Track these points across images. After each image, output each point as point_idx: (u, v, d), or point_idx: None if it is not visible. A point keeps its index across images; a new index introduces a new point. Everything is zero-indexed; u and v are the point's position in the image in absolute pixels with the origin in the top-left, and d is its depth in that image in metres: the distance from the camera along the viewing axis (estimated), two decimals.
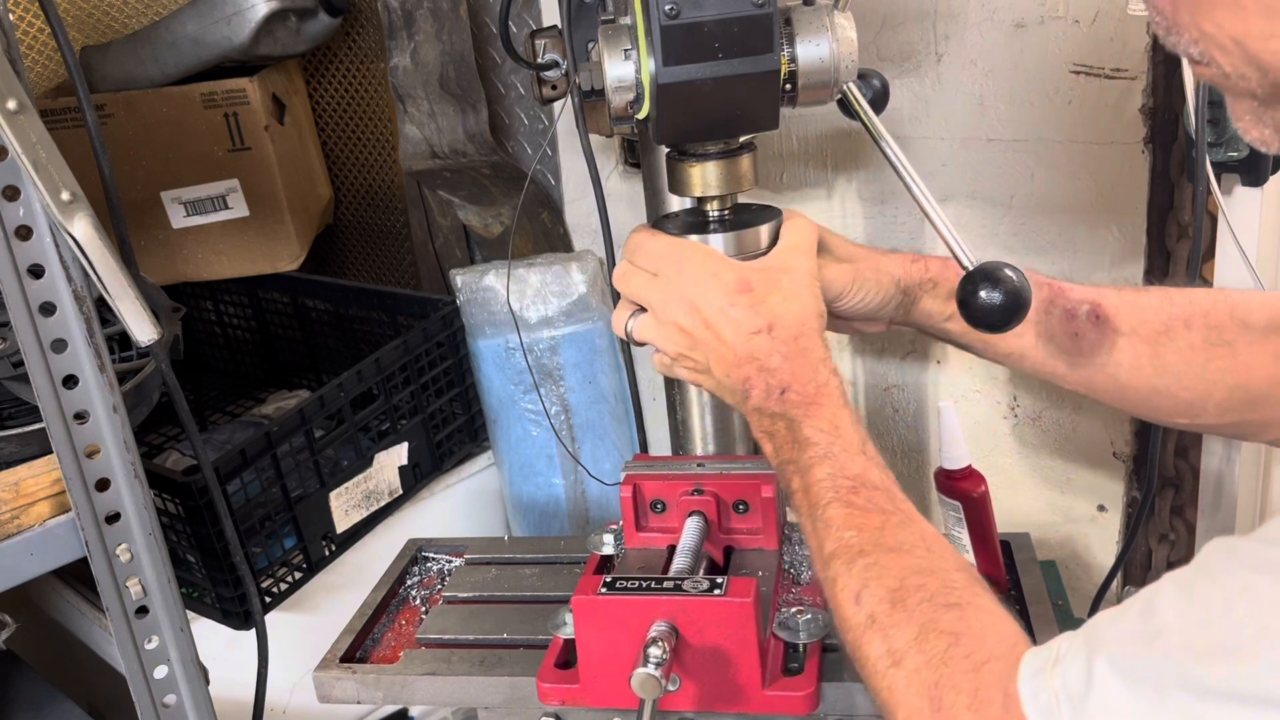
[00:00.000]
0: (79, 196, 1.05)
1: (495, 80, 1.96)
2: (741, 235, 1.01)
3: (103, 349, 1.13)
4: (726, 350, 0.92)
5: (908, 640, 0.75)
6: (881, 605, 0.77)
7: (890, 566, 0.79)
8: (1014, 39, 1.48)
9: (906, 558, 0.80)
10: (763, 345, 0.91)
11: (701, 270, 0.94)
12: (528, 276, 1.78)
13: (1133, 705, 0.62)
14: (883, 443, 1.82)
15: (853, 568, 0.80)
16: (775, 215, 1.03)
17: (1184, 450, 1.56)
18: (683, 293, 0.94)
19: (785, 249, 0.99)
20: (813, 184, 1.72)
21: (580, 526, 1.88)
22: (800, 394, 0.89)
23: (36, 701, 1.55)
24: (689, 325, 0.94)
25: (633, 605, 1.00)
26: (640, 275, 0.98)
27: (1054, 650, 0.68)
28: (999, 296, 0.90)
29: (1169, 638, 0.62)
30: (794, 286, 0.94)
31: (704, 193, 1.02)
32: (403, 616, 1.32)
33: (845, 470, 0.85)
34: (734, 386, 0.93)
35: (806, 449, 0.87)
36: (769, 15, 0.88)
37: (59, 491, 1.17)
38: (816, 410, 0.89)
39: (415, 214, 2.21)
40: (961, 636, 0.73)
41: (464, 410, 1.92)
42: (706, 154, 1.00)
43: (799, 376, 0.90)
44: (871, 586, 0.78)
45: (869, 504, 0.83)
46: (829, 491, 0.84)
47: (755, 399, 0.91)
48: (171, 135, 1.93)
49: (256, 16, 1.86)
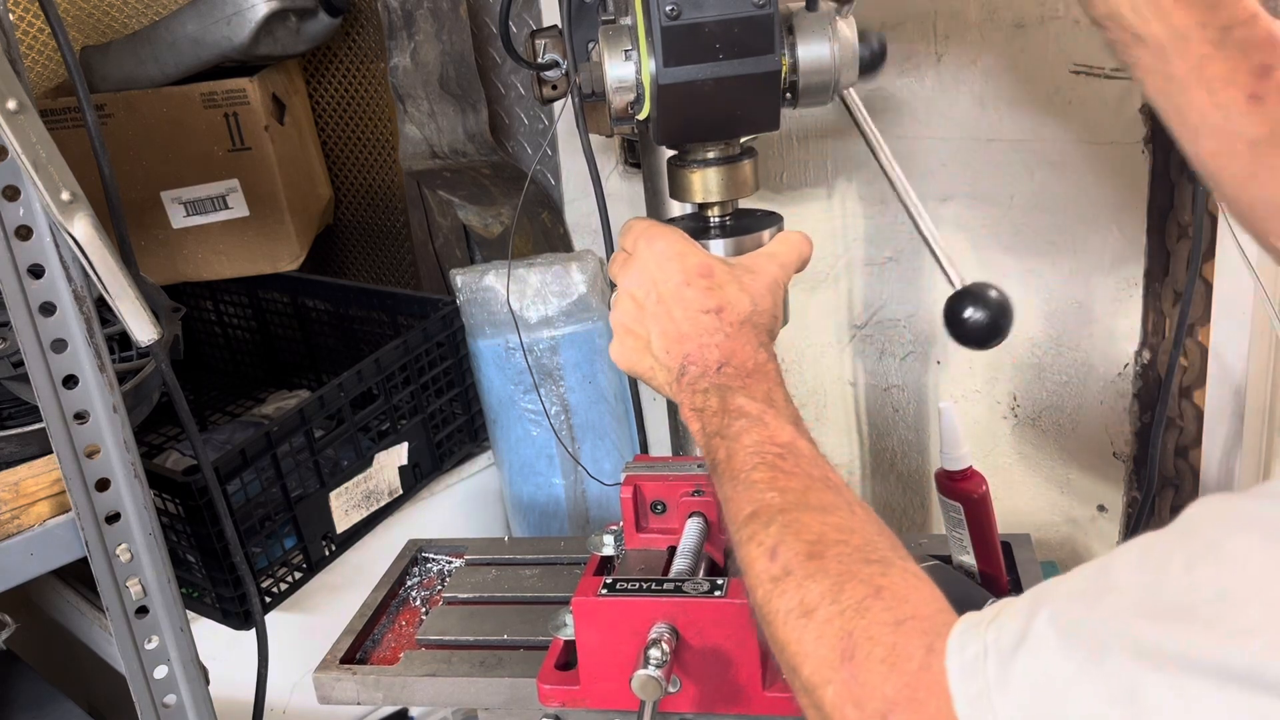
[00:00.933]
0: (79, 196, 1.05)
1: (495, 80, 1.96)
2: (741, 241, 1.01)
3: (103, 349, 1.13)
4: (671, 325, 0.91)
5: (822, 591, 0.69)
6: (798, 559, 0.72)
7: (810, 523, 0.75)
8: (1014, 39, 1.48)
9: (829, 516, 0.76)
10: (708, 324, 0.90)
11: (669, 249, 0.94)
12: (528, 276, 1.78)
13: (1063, 664, 0.57)
14: (883, 443, 1.82)
15: (771, 525, 0.76)
16: (775, 222, 1.03)
17: (1184, 450, 1.56)
18: (645, 268, 0.94)
19: (763, 254, 0.98)
20: (813, 184, 1.72)
21: (580, 527, 1.88)
22: (737, 369, 0.88)
23: (36, 701, 1.55)
24: (642, 297, 0.94)
25: (633, 606, 1.00)
26: (620, 254, 0.99)
27: (997, 607, 0.63)
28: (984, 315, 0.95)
29: (1119, 596, 0.57)
30: (755, 285, 0.94)
31: (705, 199, 1.02)
32: (403, 617, 1.32)
33: (775, 438, 0.83)
34: (670, 363, 0.91)
35: (737, 419, 0.84)
36: (770, 16, 0.88)
37: (59, 491, 1.17)
38: (752, 384, 0.87)
39: (415, 214, 2.21)
40: (883, 590, 0.68)
41: (464, 410, 1.92)
42: (708, 160, 1.00)
43: (738, 354, 0.89)
44: (789, 541, 0.74)
45: (795, 469, 0.80)
46: (755, 457, 0.81)
47: (690, 375, 0.89)
48: (171, 135, 1.93)
49: (256, 16, 1.86)
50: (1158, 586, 0.55)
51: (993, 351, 1.65)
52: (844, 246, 1.73)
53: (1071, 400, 1.63)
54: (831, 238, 1.73)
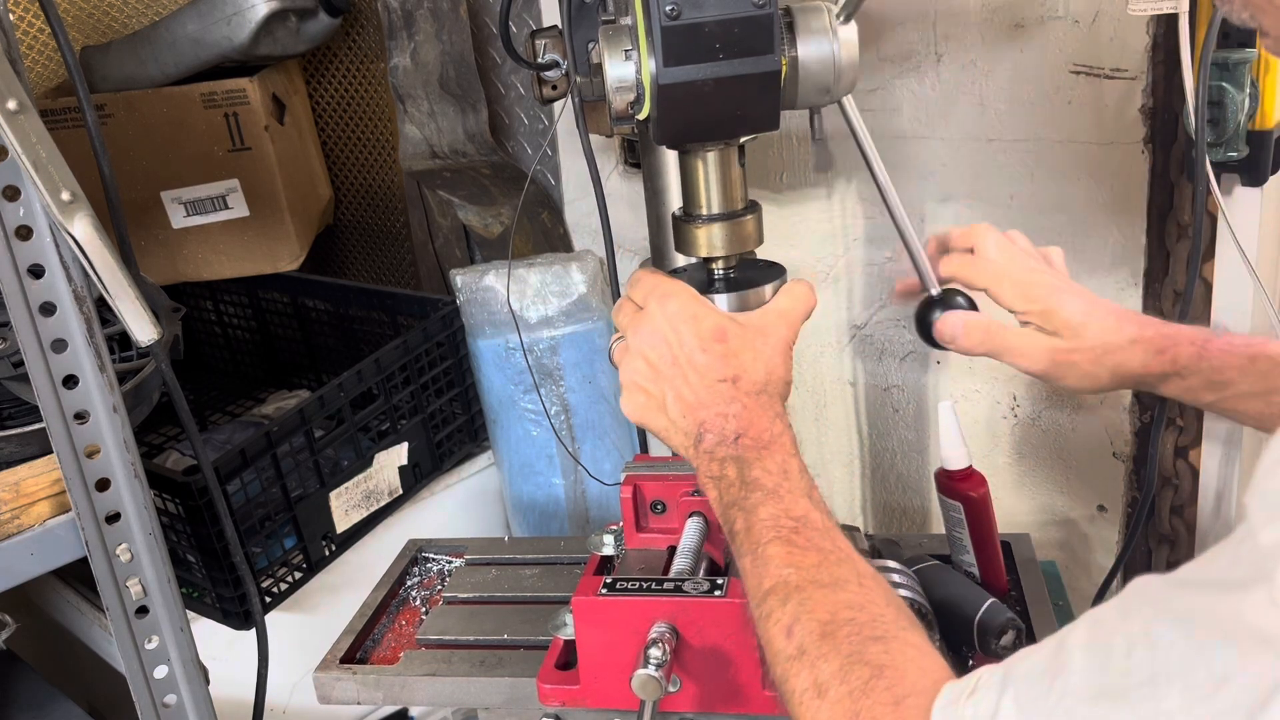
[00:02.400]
0: (79, 196, 1.05)
1: (495, 80, 1.96)
2: (744, 296, 1.02)
3: (103, 349, 1.13)
4: (688, 391, 0.93)
5: (832, 672, 0.75)
6: (811, 637, 0.78)
7: (823, 601, 0.80)
8: (1014, 39, 1.48)
9: (840, 592, 0.80)
10: (724, 392, 0.92)
11: (682, 310, 0.95)
12: (528, 276, 1.78)
13: None
14: (883, 443, 1.82)
15: (788, 603, 0.81)
16: (779, 274, 1.05)
17: (1184, 450, 1.56)
18: (658, 328, 0.95)
19: (772, 311, 0.99)
20: (813, 184, 1.72)
21: (580, 527, 1.88)
22: (754, 440, 0.91)
23: (36, 701, 1.55)
24: (656, 359, 0.95)
25: (633, 606, 1.00)
26: (629, 306, 1.00)
27: (973, 681, 0.68)
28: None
29: (1069, 677, 0.62)
30: (768, 350, 0.95)
31: (710, 253, 1.03)
32: (403, 617, 1.32)
33: (790, 511, 0.86)
34: (687, 428, 0.93)
35: (754, 490, 0.88)
36: (770, 16, 0.88)
37: (59, 491, 1.17)
38: (768, 454, 0.90)
39: (415, 214, 2.21)
40: (885, 669, 0.74)
41: (464, 410, 1.92)
42: (713, 216, 1.01)
43: (755, 424, 0.91)
44: (803, 620, 0.79)
45: (809, 543, 0.84)
46: (771, 530, 0.85)
47: (708, 443, 0.92)
48: (171, 135, 1.93)
49: (256, 16, 1.86)
50: (1101, 670, 0.61)
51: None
52: (844, 246, 1.73)
53: (1071, 400, 1.63)
54: (831, 238, 1.73)
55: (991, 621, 1.08)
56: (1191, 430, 1.53)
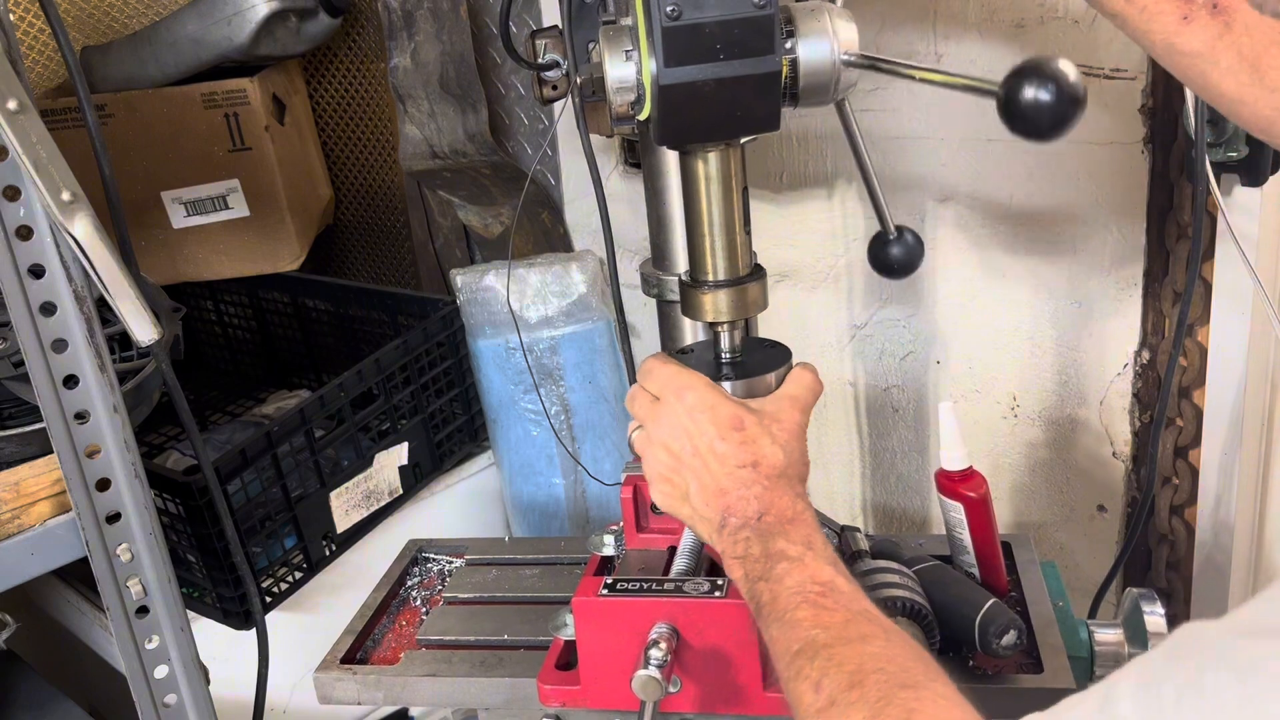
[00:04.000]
0: (79, 196, 1.05)
1: (495, 80, 1.96)
2: (751, 384, 1.03)
3: (103, 349, 1.13)
4: (709, 479, 0.95)
5: (863, 718, 0.76)
6: (840, 688, 0.79)
7: (851, 654, 0.81)
8: (1014, 39, 1.48)
9: (868, 646, 0.81)
10: (746, 477, 0.94)
11: (699, 402, 0.97)
12: (528, 276, 1.78)
13: None
14: (883, 443, 1.82)
15: (815, 660, 0.82)
16: (784, 360, 1.06)
17: (1183, 450, 1.56)
18: (678, 419, 0.97)
19: (785, 398, 1.01)
20: (813, 184, 1.72)
21: (580, 527, 1.88)
22: (776, 517, 0.93)
23: (36, 701, 1.55)
24: (678, 449, 0.97)
25: (633, 607, 1.00)
26: (645, 396, 1.01)
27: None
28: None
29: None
30: (784, 436, 0.97)
31: (715, 319, 1.04)
32: (403, 617, 1.32)
33: (816, 577, 0.88)
34: (710, 515, 0.95)
35: (779, 562, 0.90)
36: (770, 16, 0.88)
37: (59, 491, 1.17)
38: (792, 528, 0.92)
39: (415, 214, 2.21)
40: (915, 714, 0.74)
41: (464, 410, 1.92)
42: (719, 282, 1.03)
43: (776, 504, 0.93)
44: (831, 674, 0.80)
45: (836, 605, 0.86)
46: (797, 596, 0.87)
47: (732, 525, 0.93)
48: (172, 135, 1.93)
49: (257, 17, 1.86)
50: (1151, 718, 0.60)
51: (993, 351, 1.65)
52: (844, 246, 1.73)
53: (1071, 400, 1.63)
54: (831, 238, 1.73)
55: (992, 622, 1.08)
56: (1191, 430, 1.53)
